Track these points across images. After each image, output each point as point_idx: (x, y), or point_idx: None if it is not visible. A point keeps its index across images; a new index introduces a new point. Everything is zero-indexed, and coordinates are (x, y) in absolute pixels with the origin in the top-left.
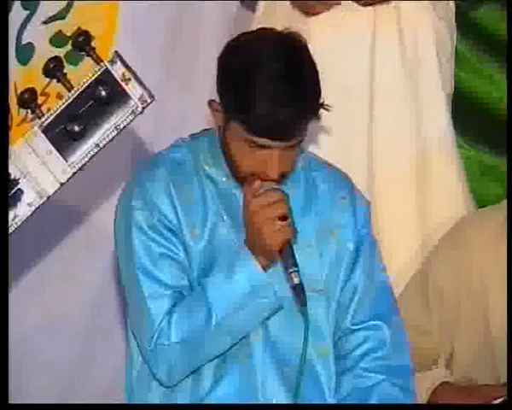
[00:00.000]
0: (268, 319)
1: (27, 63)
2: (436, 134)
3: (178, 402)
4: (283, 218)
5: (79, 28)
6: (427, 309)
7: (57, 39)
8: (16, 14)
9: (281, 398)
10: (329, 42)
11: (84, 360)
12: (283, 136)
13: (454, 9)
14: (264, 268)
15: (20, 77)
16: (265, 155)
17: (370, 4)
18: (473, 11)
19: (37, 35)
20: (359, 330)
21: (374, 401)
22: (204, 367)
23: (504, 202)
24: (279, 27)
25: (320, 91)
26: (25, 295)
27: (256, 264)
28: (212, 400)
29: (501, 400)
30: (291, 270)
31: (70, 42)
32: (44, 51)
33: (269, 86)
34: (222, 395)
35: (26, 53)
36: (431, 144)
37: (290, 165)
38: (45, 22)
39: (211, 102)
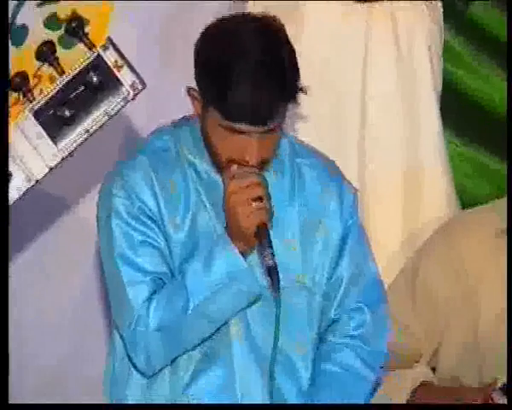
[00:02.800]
0: (249, 306)
1: (21, 45)
2: (428, 137)
3: (158, 394)
4: (259, 200)
5: (74, 11)
6: (414, 306)
7: (51, 22)
8: None
9: (259, 391)
10: (322, 44)
11: (74, 354)
12: (260, 120)
13: (441, 10)
14: (244, 254)
15: (14, 59)
16: (244, 141)
17: (365, 1)
18: (466, 8)
19: (32, 17)
20: (343, 315)
21: (330, 365)
22: (183, 361)
23: (498, 202)
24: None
25: (297, 75)
26: (17, 289)
27: (234, 249)
28: (191, 393)
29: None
30: (265, 252)
31: (64, 25)
32: (38, 34)
33: (244, 70)
34: (201, 388)
35: (19, 35)
36: (422, 146)
37: (271, 151)
38: (39, 5)
39: (189, 90)
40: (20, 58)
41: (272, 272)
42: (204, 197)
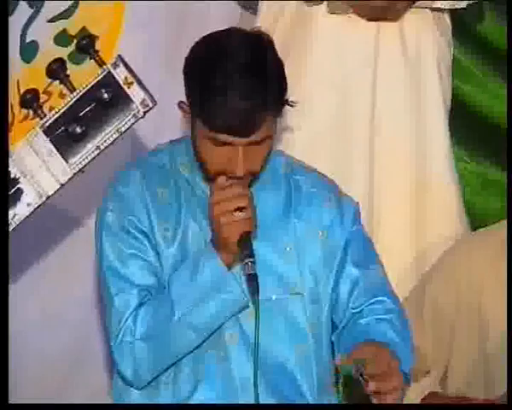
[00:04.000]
0: (235, 315)
1: (31, 61)
2: (437, 150)
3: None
4: (242, 210)
5: (84, 28)
6: (421, 325)
7: (61, 38)
8: (21, 11)
9: (262, 399)
10: (331, 53)
11: (79, 357)
12: (242, 131)
13: (450, 24)
14: (229, 265)
15: (24, 75)
16: (229, 153)
17: (375, 20)
18: (476, 24)
19: (42, 33)
20: (363, 309)
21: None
22: (184, 371)
23: (504, 221)
24: (281, 32)
25: (282, 88)
26: (21, 293)
27: (218, 260)
28: (193, 402)
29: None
30: (246, 260)
31: (74, 42)
32: (48, 50)
33: (226, 81)
34: (203, 397)
35: (29, 51)
36: (431, 159)
37: (258, 163)
38: (50, 21)
39: (180, 103)
40: (31, 74)
41: (252, 280)
42: (197, 211)
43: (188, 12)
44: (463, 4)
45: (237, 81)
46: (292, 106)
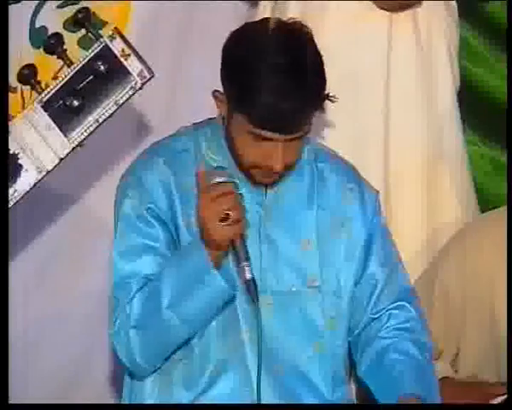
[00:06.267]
0: (223, 307)
1: (40, 47)
2: (448, 134)
3: (173, 401)
4: (227, 215)
5: (94, 13)
6: (431, 310)
7: (71, 24)
8: None
9: (271, 398)
10: (344, 43)
11: (86, 352)
12: (286, 129)
13: (455, 4)
14: (217, 258)
15: (33, 60)
16: (269, 147)
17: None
18: (484, 4)
19: (51, 19)
20: (382, 314)
21: (390, 355)
22: (198, 368)
23: None
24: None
25: (324, 83)
26: (26, 284)
27: (203, 252)
28: (207, 400)
29: (502, 398)
30: (242, 264)
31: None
32: None
33: (271, 78)
34: (218, 394)
35: (39, 36)
36: (443, 144)
37: (295, 156)
38: (59, 6)
39: (215, 93)
40: (40, 59)
41: (250, 286)
42: None
43: (195, 6)
44: None
45: (281, 79)
46: (333, 101)
